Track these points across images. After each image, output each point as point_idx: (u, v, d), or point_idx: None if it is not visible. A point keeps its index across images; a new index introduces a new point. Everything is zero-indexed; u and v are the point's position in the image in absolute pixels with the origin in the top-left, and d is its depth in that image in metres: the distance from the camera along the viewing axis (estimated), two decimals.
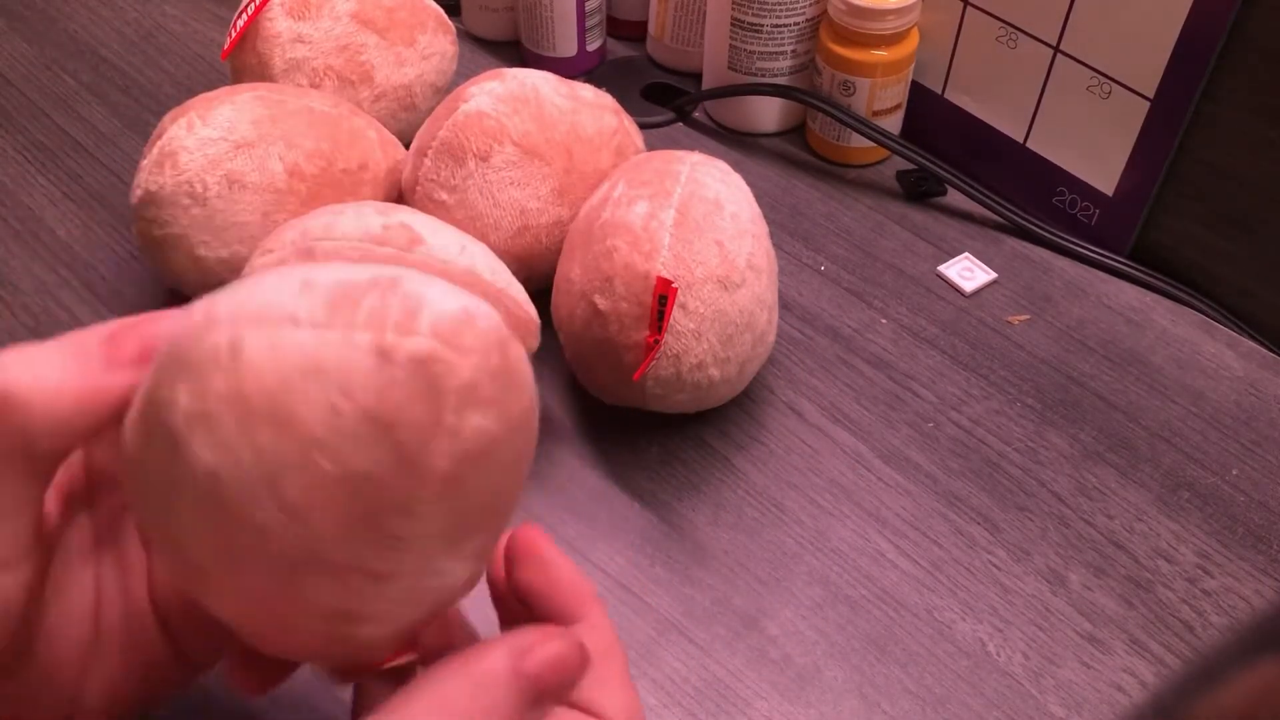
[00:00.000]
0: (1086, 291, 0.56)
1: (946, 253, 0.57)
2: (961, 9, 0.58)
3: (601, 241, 0.44)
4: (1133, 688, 0.41)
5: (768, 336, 0.46)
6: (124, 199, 0.58)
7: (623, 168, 0.48)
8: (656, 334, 0.42)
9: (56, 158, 0.60)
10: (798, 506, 0.46)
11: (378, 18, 0.54)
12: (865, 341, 0.53)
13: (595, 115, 0.50)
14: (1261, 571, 0.44)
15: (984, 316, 0.54)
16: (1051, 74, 0.56)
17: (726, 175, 0.46)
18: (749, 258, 0.44)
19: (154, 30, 0.69)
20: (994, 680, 0.41)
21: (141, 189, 0.46)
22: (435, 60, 0.57)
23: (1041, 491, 0.47)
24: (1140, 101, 0.53)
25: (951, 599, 0.43)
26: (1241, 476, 0.48)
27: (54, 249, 0.55)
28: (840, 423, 0.49)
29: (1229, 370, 0.52)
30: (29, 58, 0.67)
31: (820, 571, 0.44)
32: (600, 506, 0.46)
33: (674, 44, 0.66)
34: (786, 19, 0.59)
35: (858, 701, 0.40)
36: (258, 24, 0.52)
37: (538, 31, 0.65)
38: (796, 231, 0.58)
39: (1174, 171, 0.54)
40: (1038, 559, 0.45)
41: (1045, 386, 0.51)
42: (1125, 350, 0.53)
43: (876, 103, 0.59)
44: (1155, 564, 0.45)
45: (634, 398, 0.45)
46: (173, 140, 0.45)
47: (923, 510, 0.46)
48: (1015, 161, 0.60)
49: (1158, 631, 0.43)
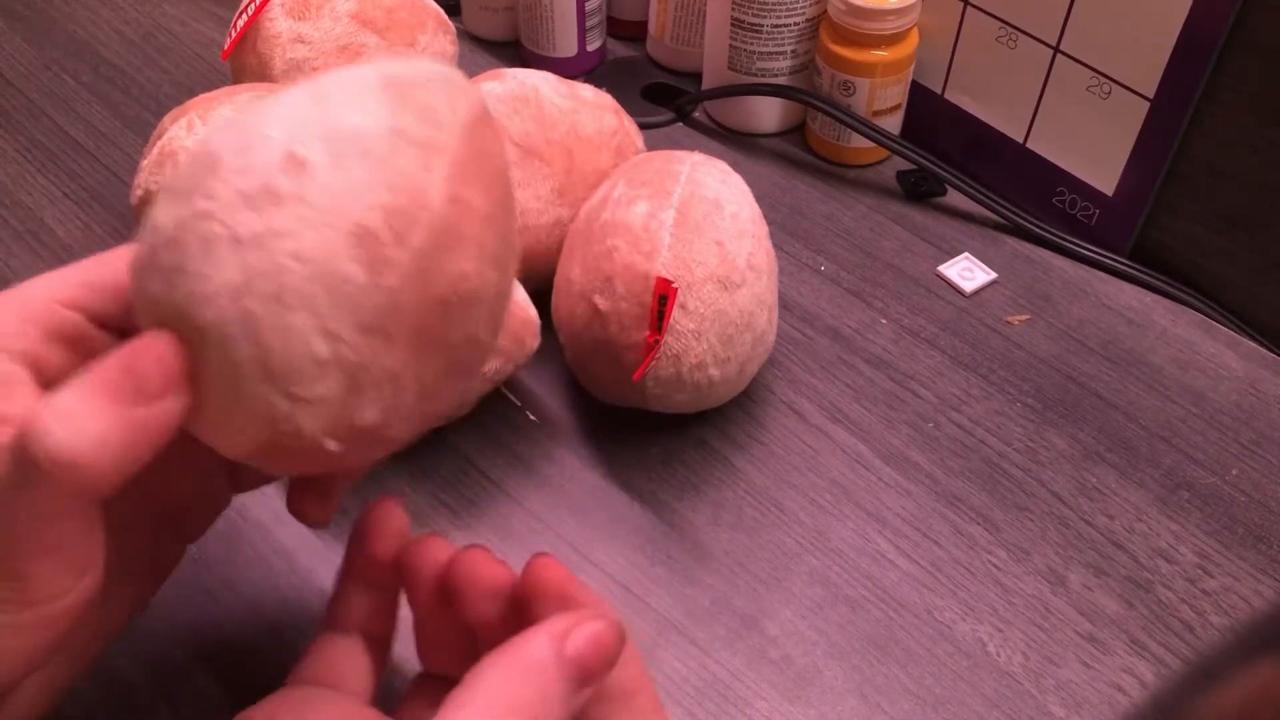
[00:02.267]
0: (1086, 291, 0.56)
1: (946, 253, 0.57)
2: (961, 9, 0.58)
3: (601, 241, 0.44)
4: (1133, 688, 0.41)
5: (768, 336, 0.46)
6: (124, 199, 0.58)
7: (623, 168, 0.48)
8: (656, 334, 0.42)
9: (56, 158, 0.60)
10: (798, 506, 0.46)
11: (378, 18, 0.54)
12: (865, 341, 0.53)
13: (595, 115, 0.50)
14: (1261, 571, 0.44)
15: (984, 316, 0.54)
16: (1051, 74, 0.56)
17: (726, 175, 0.46)
18: (749, 258, 0.44)
19: (154, 30, 0.69)
20: (994, 680, 0.41)
21: (141, 189, 0.46)
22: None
23: (1041, 491, 0.47)
24: (1140, 101, 0.53)
25: (951, 599, 0.43)
26: (1241, 476, 0.48)
27: (54, 249, 0.55)
28: (840, 423, 0.49)
29: (1229, 370, 0.52)
30: (29, 58, 0.67)
31: (820, 571, 0.44)
32: (600, 506, 0.46)
33: (674, 44, 0.66)
34: (786, 19, 0.59)
35: (858, 701, 0.40)
36: (258, 24, 0.52)
37: (538, 31, 0.65)
38: (796, 231, 0.58)
39: (1174, 171, 0.54)
40: (1038, 559, 0.45)
41: (1045, 386, 0.51)
42: (1125, 350, 0.53)
43: (876, 103, 0.59)
44: (1155, 564, 0.45)
45: (634, 398, 0.45)
46: (173, 140, 0.45)
47: (923, 510, 0.46)
48: (1015, 161, 0.60)
49: (1158, 631, 0.43)
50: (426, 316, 0.25)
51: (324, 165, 0.24)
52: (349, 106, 0.25)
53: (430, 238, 0.25)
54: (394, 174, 0.25)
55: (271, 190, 0.24)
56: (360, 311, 0.25)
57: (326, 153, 0.25)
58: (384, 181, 0.25)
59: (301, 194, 0.24)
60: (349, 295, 0.24)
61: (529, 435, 0.48)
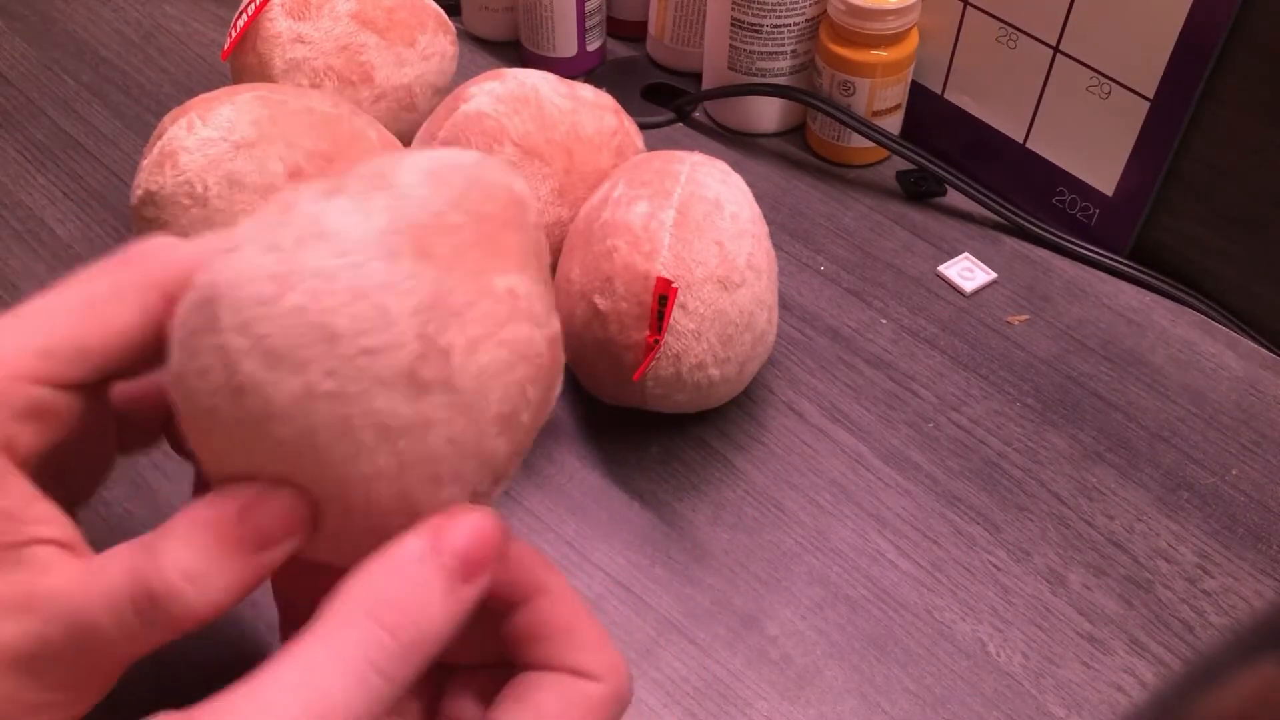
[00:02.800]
0: (1086, 291, 0.56)
1: (946, 253, 0.57)
2: (961, 9, 0.58)
3: (601, 241, 0.44)
4: (1133, 688, 0.41)
5: (768, 336, 0.46)
6: (124, 199, 0.58)
7: (623, 168, 0.48)
8: (656, 334, 0.42)
9: (56, 158, 0.60)
10: (798, 506, 0.46)
11: (378, 18, 0.54)
12: (865, 341, 0.53)
13: (595, 115, 0.50)
14: (1261, 571, 0.45)
15: (984, 316, 0.54)
16: (1051, 74, 0.56)
17: (726, 175, 0.46)
18: (749, 258, 0.44)
19: (154, 30, 0.69)
20: (994, 680, 0.41)
21: (141, 189, 0.46)
22: (435, 61, 0.57)
23: (1041, 491, 0.47)
24: (1140, 101, 0.53)
25: (951, 599, 0.43)
26: (1241, 476, 0.48)
27: (54, 249, 0.55)
28: (840, 423, 0.49)
29: (1229, 370, 0.52)
30: (29, 58, 0.67)
31: (820, 571, 0.44)
32: (600, 506, 0.46)
33: (674, 44, 0.66)
34: (786, 19, 0.59)
35: (858, 701, 0.40)
36: (258, 24, 0.52)
37: (538, 32, 0.65)
38: (796, 231, 0.58)
39: (1174, 171, 0.54)
40: (1038, 559, 0.45)
41: (1045, 386, 0.51)
42: (1125, 350, 0.53)
43: (876, 103, 0.59)
44: (1155, 564, 0.45)
45: (634, 398, 0.45)
46: (173, 140, 0.45)
47: (923, 510, 0.46)
48: (1015, 161, 0.60)
49: (1158, 631, 0.43)
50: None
51: (462, 349, 0.26)
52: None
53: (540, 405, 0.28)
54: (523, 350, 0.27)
55: (417, 378, 0.25)
56: (496, 465, 0.27)
57: (464, 338, 0.26)
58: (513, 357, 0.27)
59: (450, 381, 0.26)
60: (491, 460, 0.27)
61: None
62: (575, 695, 0.28)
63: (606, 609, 0.43)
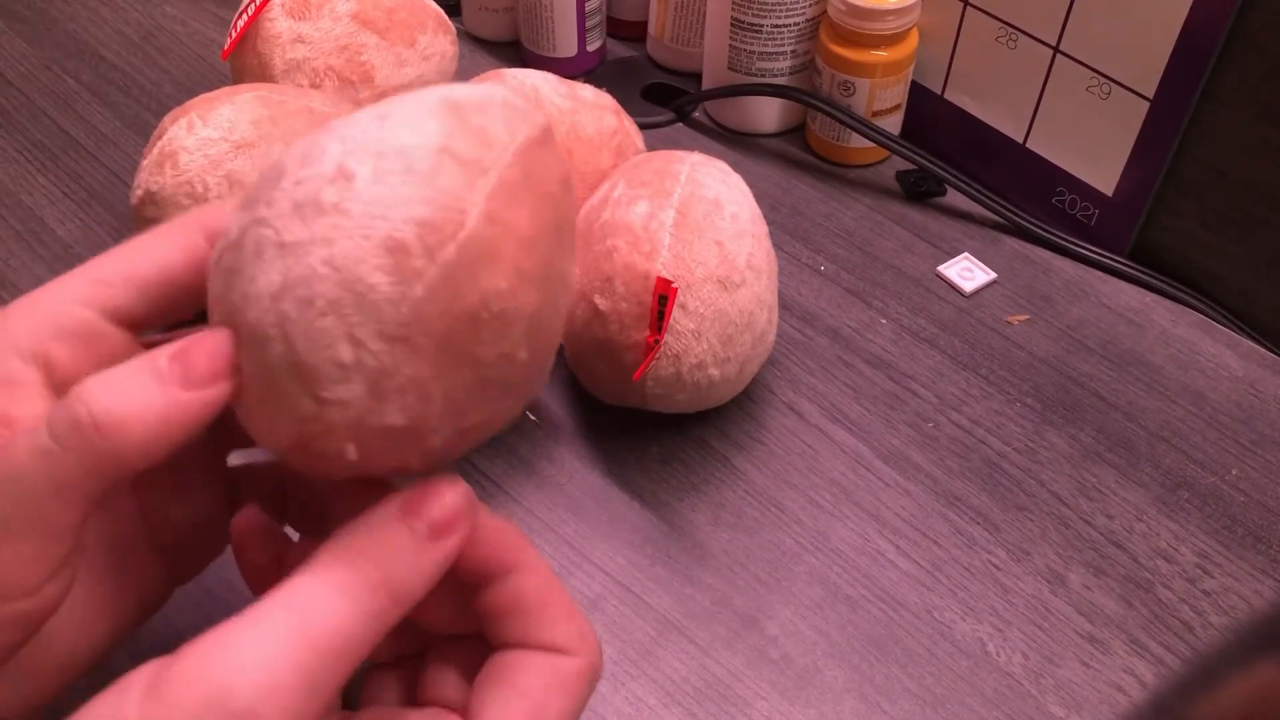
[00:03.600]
0: (1086, 291, 0.56)
1: (946, 253, 0.57)
2: (961, 9, 0.58)
3: (601, 241, 0.44)
4: (1133, 688, 0.41)
5: (768, 336, 0.47)
6: (124, 199, 0.58)
7: (623, 168, 0.48)
8: (656, 334, 0.42)
9: (56, 158, 0.60)
10: (798, 506, 0.46)
11: (378, 18, 0.54)
12: (865, 341, 0.53)
13: (595, 115, 0.50)
14: (1261, 571, 0.45)
15: (984, 316, 0.54)
16: (1051, 74, 0.56)
17: (726, 175, 0.46)
18: (749, 258, 0.44)
19: (154, 30, 0.69)
20: (994, 680, 0.41)
21: (141, 189, 0.46)
22: (435, 61, 0.57)
23: (1041, 491, 0.47)
24: (1140, 101, 0.53)
25: (951, 599, 0.43)
26: (1241, 476, 0.48)
27: (54, 249, 0.55)
28: (840, 423, 0.49)
29: (1229, 370, 0.52)
30: (29, 58, 0.67)
31: (820, 571, 0.44)
32: (600, 506, 0.46)
33: (674, 44, 0.66)
34: (786, 19, 0.59)
35: (858, 701, 0.40)
36: (258, 24, 0.52)
37: (538, 32, 0.65)
38: (796, 231, 0.58)
39: (1174, 171, 0.54)
40: (1038, 559, 0.45)
41: (1045, 386, 0.51)
42: (1125, 350, 0.53)
43: (876, 103, 0.59)
44: (1155, 564, 0.45)
45: (634, 398, 0.45)
46: (173, 140, 0.45)
47: (923, 510, 0.46)
48: (1015, 161, 0.60)
49: (1157, 631, 0.43)
50: (454, 330, 0.26)
51: (367, 179, 0.26)
52: (404, 126, 0.27)
53: (462, 253, 0.26)
54: (434, 190, 0.26)
55: (318, 201, 0.26)
56: (385, 320, 0.25)
57: (373, 167, 0.26)
58: (423, 197, 0.26)
59: (343, 205, 0.25)
60: (374, 303, 0.25)
61: (529, 435, 0.48)
62: (553, 673, 0.29)
63: (606, 609, 0.43)
